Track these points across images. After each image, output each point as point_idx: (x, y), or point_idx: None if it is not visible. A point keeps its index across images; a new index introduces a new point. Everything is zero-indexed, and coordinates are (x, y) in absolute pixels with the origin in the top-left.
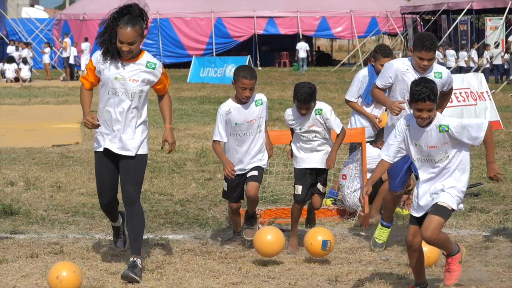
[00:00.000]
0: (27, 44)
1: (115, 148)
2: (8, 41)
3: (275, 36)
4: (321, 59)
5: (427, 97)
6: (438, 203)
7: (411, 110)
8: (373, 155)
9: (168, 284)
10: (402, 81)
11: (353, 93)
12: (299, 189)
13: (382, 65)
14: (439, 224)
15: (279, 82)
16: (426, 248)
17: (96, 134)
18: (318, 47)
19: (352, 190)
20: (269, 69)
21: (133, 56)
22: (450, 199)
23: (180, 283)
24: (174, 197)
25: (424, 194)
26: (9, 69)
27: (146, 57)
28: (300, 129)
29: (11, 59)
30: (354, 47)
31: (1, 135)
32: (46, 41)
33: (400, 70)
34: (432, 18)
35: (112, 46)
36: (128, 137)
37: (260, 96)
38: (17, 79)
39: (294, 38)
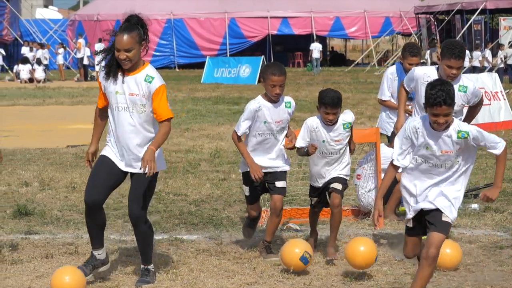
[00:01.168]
0: (42, 45)
1: (122, 166)
2: (22, 42)
3: (289, 36)
4: (335, 59)
5: (443, 101)
6: (443, 219)
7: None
8: (388, 155)
9: (183, 284)
10: (421, 91)
11: (384, 91)
12: (314, 200)
13: (410, 64)
14: (443, 241)
15: (293, 82)
16: (449, 250)
17: (106, 145)
18: (332, 47)
19: (367, 190)
20: None
21: (135, 68)
22: (453, 212)
23: (194, 283)
24: (189, 197)
25: (424, 197)
26: (24, 70)
27: (147, 70)
28: (323, 141)
29: (25, 60)
30: (368, 47)
31: (16, 135)
32: (60, 41)
33: (420, 81)
34: (446, 18)
35: (114, 66)
36: (134, 155)
37: (289, 99)
38: (31, 80)
39: (308, 38)
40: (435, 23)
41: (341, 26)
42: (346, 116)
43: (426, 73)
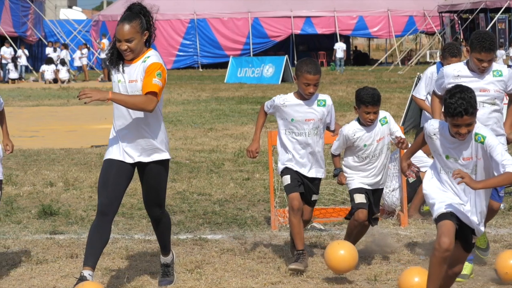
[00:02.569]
0: (66, 46)
1: (129, 159)
2: (46, 43)
3: (312, 36)
4: (358, 58)
5: (464, 111)
6: (473, 241)
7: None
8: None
9: (207, 283)
10: None
11: (421, 90)
12: (360, 197)
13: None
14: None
15: None
16: None
17: (109, 142)
18: (355, 47)
19: (391, 189)
20: None
21: (137, 57)
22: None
23: (219, 282)
24: (213, 197)
25: (469, 209)
26: (48, 71)
27: (147, 54)
28: (365, 145)
29: (49, 61)
30: (391, 46)
31: (41, 136)
32: (84, 42)
33: (450, 78)
34: (470, 16)
35: (115, 55)
36: (140, 145)
37: (324, 97)
38: (55, 81)
39: (331, 38)
40: (459, 21)
41: (365, 25)
42: (382, 112)
43: (455, 69)
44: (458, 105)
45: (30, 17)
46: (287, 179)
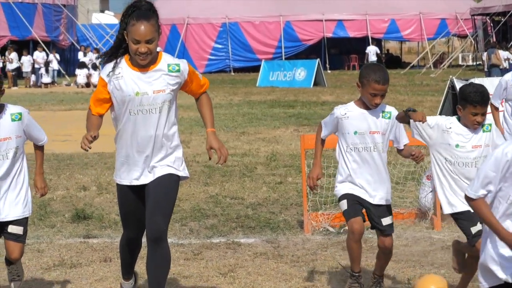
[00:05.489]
0: (98, 50)
1: (144, 180)
2: (79, 47)
3: (344, 39)
4: (390, 61)
5: None
6: None
7: None
8: None
9: (241, 287)
10: None
11: (495, 97)
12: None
13: None
14: None
15: (349, 85)
16: None
17: (119, 163)
18: (387, 50)
19: (429, 191)
20: (338, 72)
21: (152, 62)
22: None
23: (252, 286)
24: (245, 200)
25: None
26: (80, 75)
27: (165, 59)
28: (457, 145)
29: (82, 65)
30: (423, 49)
31: (74, 140)
32: None
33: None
34: (502, 19)
35: (120, 59)
36: (158, 158)
37: (390, 109)
38: (88, 85)
39: (363, 41)
40: (491, 24)
41: (397, 29)
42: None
43: None
44: None
45: (62, 21)
46: (344, 204)
